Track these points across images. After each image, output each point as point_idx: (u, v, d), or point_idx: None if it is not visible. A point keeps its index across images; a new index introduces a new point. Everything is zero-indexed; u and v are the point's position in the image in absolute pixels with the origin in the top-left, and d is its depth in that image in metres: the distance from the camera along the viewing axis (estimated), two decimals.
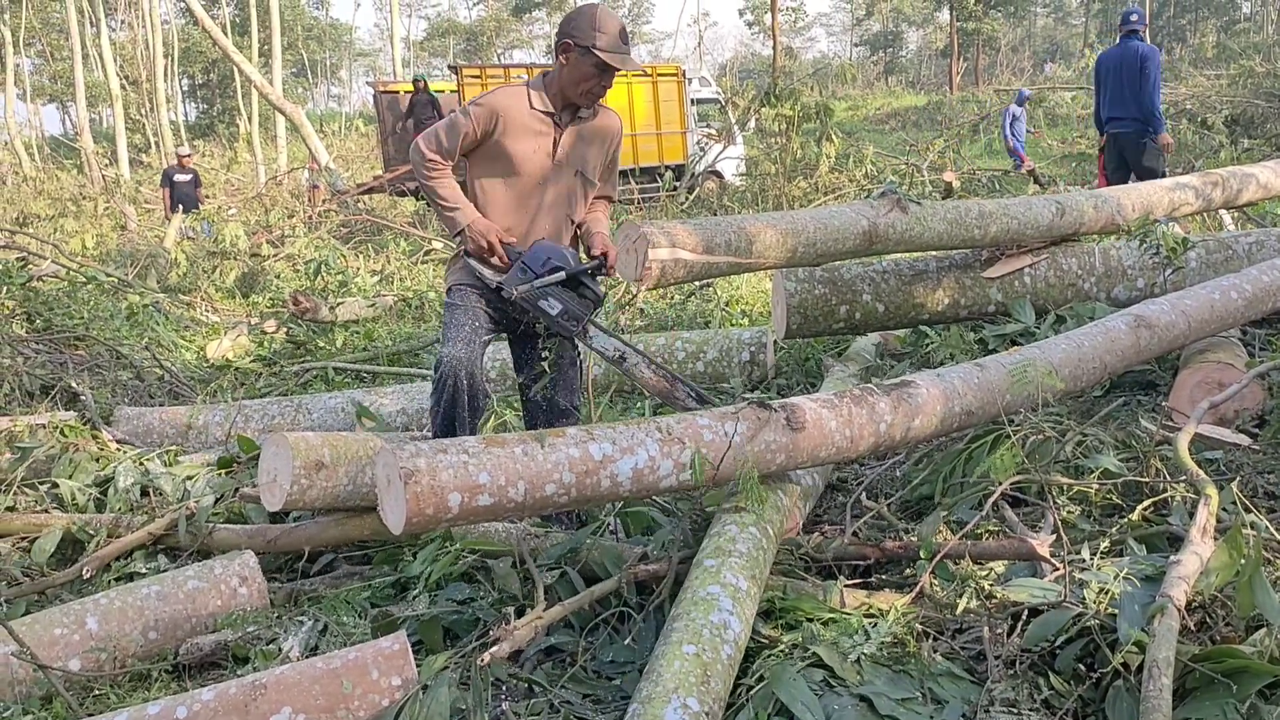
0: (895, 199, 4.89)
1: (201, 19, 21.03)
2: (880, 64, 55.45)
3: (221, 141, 33.59)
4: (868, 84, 45.01)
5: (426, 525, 2.51)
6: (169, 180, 15.74)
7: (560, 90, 3.55)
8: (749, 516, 2.93)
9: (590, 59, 3.45)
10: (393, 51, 37.75)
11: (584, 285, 3.42)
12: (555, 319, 3.39)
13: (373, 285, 9.63)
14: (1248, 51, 27.74)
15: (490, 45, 65.64)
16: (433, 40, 70.11)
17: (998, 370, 3.57)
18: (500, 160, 3.57)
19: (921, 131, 24.46)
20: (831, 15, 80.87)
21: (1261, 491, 3.26)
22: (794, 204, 13.13)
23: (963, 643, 2.72)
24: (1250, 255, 5.17)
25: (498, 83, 16.09)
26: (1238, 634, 2.37)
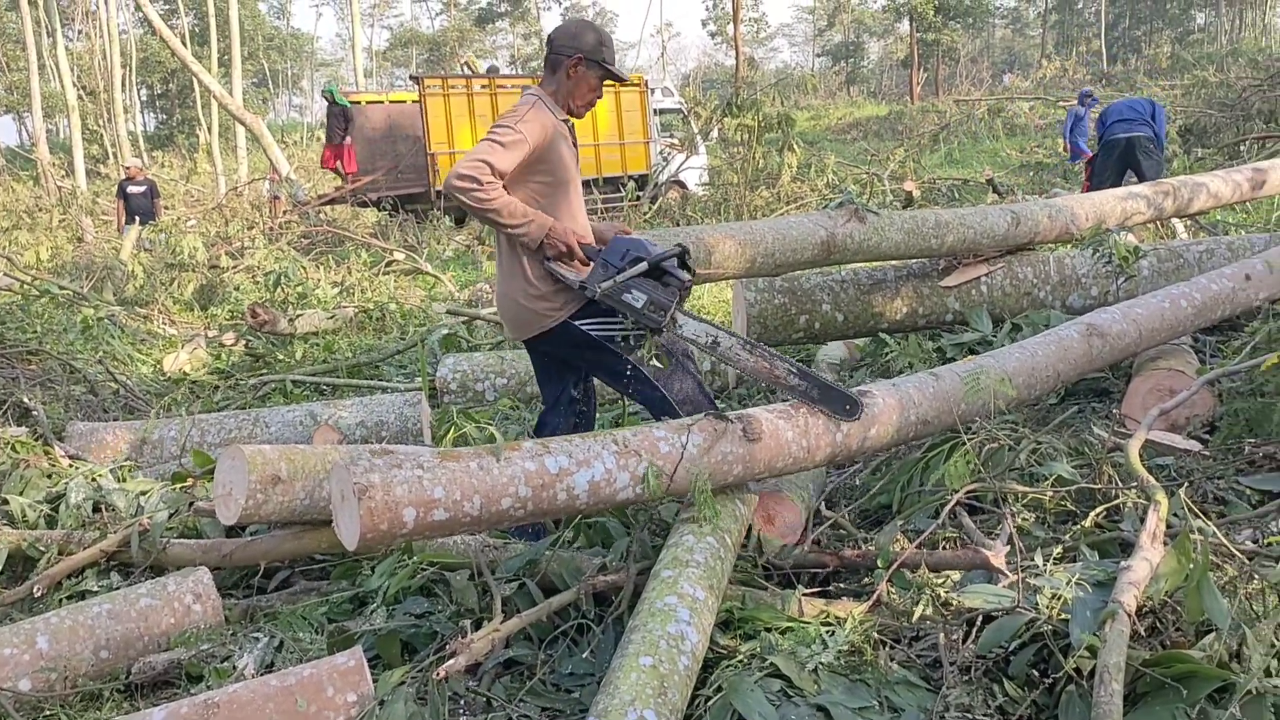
0: (853, 209, 4.93)
1: (159, 29, 20.84)
2: (842, 74, 55.83)
3: (181, 152, 33.28)
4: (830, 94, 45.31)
5: (381, 541, 2.50)
6: (123, 192, 15.58)
7: (567, 100, 3.64)
8: (707, 526, 2.94)
9: (597, 71, 3.58)
10: (354, 61, 37.54)
11: (667, 273, 3.26)
12: (641, 311, 3.22)
13: (333, 297, 9.57)
14: (1201, 62, 28.25)
15: (453, 55, 65.47)
16: (395, 50, 69.86)
17: (953, 380, 3.61)
18: (546, 171, 3.55)
19: (883, 141, 24.71)
20: (793, 26, 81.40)
21: (1211, 497, 3.31)
22: (756, 213, 13.20)
23: (919, 650, 2.74)
24: (1200, 264, 5.25)
25: (459, 94, 16.08)
26: (1188, 638, 2.40)
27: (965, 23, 46.12)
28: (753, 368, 3.22)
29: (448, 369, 5.88)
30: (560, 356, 3.79)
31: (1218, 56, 30.05)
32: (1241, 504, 3.25)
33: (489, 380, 5.81)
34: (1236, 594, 2.38)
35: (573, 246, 3.43)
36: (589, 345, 3.59)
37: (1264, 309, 4.47)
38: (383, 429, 4.96)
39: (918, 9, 40.65)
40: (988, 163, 18.52)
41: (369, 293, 9.92)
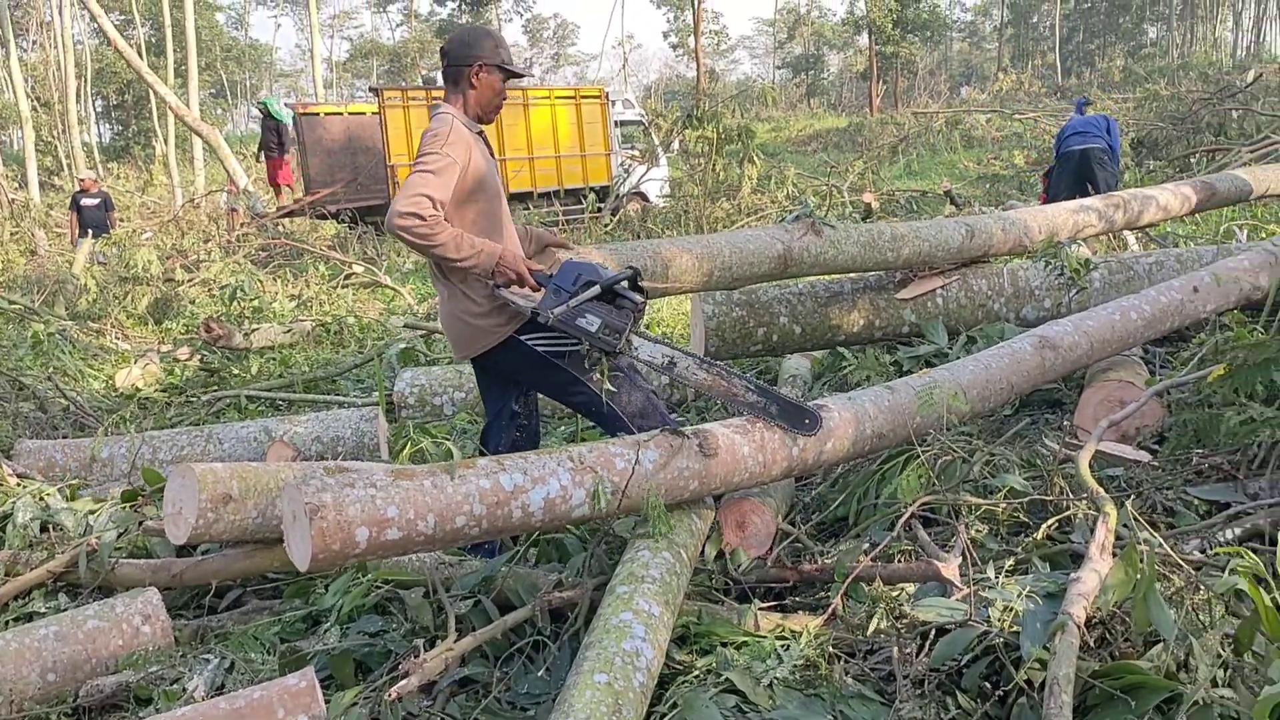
0: (810, 222, 4.96)
1: (114, 40, 20.60)
2: (802, 86, 56.28)
3: (137, 164, 32.88)
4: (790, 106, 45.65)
5: (333, 561, 2.47)
6: (76, 205, 15.37)
7: (477, 110, 3.62)
8: (663, 541, 2.93)
9: (499, 74, 3.59)
10: (314, 72, 37.29)
11: (620, 296, 3.24)
12: (595, 335, 3.21)
13: (291, 310, 9.49)
14: (1153, 76, 28.70)
15: (414, 66, 65.23)
16: (355, 61, 69.55)
17: (907, 393, 3.63)
18: (476, 190, 3.53)
19: (842, 153, 24.89)
20: (754, 38, 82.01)
21: (1160, 507, 3.35)
22: (717, 225, 13.24)
23: (873, 664, 2.76)
24: (1150, 276, 5.33)
25: (419, 105, 16.01)
26: (1136, 649, 2.42)
27: (923, 36, 46.66)
28: (710, 386, 3.22)
29: (405, 383, 5.84)
30: (506, 372, 3.76)
31: (1169, 70, 30.60)
32: (1190, 514, 3.29)
33: (447, 394, 5.77)
34: (1183, 604, 2.41)
35: (523, 274, 3.40)
36: (536, 362, 3.57)
37: (1211, 321, 4.53)
38: (339, 445, 4.92)
39: (876, 22, 41.05)
40: (946, 174, 18.73)
41: (327, 306, 9.84)
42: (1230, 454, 3.53)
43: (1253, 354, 3.56)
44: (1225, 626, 2.38)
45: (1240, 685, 2.26)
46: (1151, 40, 56.31)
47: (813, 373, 5.53)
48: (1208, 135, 14.39)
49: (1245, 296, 4.66)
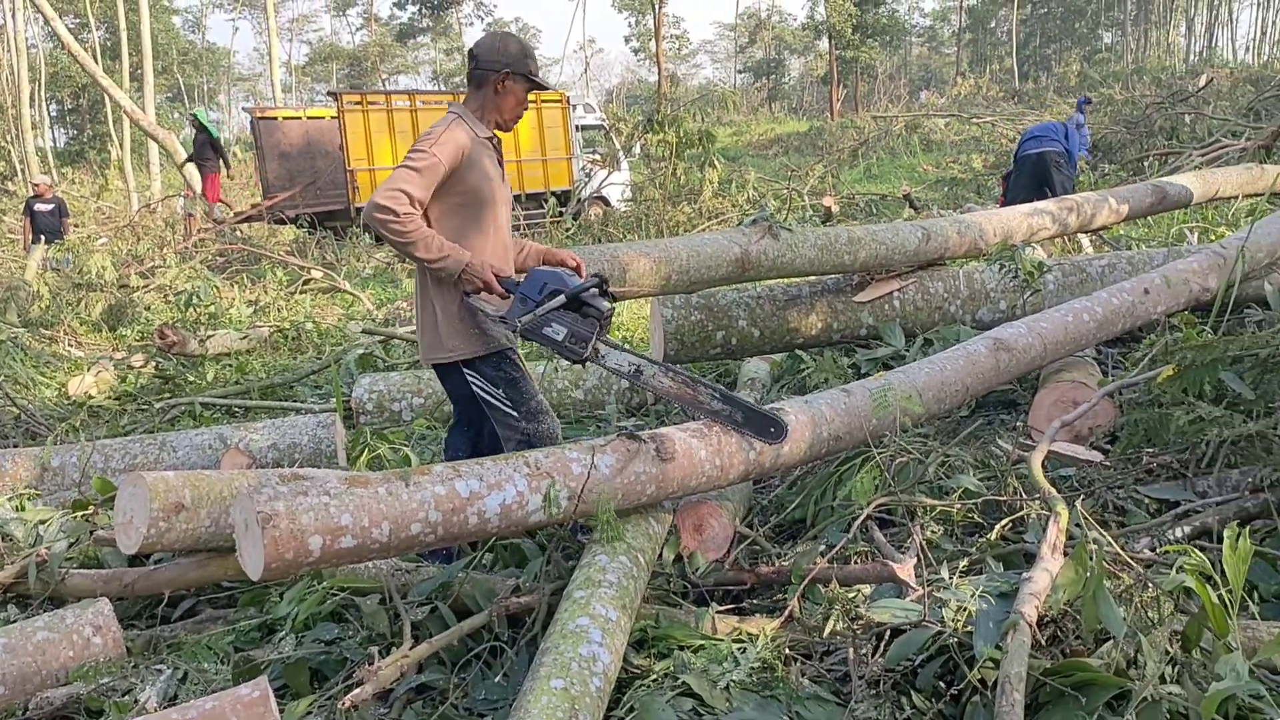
0: (767, 226, 4.98)
1: (68, 44, 20.32)
2: (763, 90, 56.49)
3: (92, 168, 32.42)
4: (751, 110, 45.78)
5: (287, 570, 2.45)
6: (29, 210, 15.13)
7: (495, 115, 3.60)
8: (620, 546, 2.93)
9: (524, 84, 3.56)
10: (272, 76, 36.97)
11: (586, 304, 3.25)
12: (562, 345, 3.23)
13: (248, 316, 9.39)
14: (1108, 80, 29.07)
15: (374, 71, 64.87)
16: (315, 65, 68.98)
17: (863, 396, 3.66)
18: (465, 194, 3.49)
19: (803, 157, 25.01)
20: (715, 43, 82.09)
21: (1112, 506, 3.39)
22: (678, 229, 13.26)
23: (829, 665, 2.77)
24: (1103, 278, 5.40)
25: (379, 110, 15.92)
26: (1087, 647, 2.45)
27: (883, 41, 46.99)
28: (676, 394, 3.23)
29: (363, 389, 5.80)
30: (448, 386, 3.77)
31: (1123, 75, 30.99)
32: (1140, 513, 3.34)
33: (406, 400, 5.74)
34: (1133, 602, 2.44)
35: (490, 282, 3.39)
36: (471, 398, 3.64)
37: (1162, 322, 4.60)
38: (295, 451, 4.88)
39: (836, 27, 41.29)
40: (905, 178, 18.87)
41: (285, 312, 9.75)
42: (1179, 453, 3.59)
43: (1200, 354, 3.62)
44: (1174, 624, 2.41)
45: (1188, 681, 2.29)
46: (1106, 45, 56.99)
47: (772, 375, 5.55)
48: (1161, 139, 14.61)
49: (1195, 298, 4.74)
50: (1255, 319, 4.85)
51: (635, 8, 51.38)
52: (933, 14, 72.25)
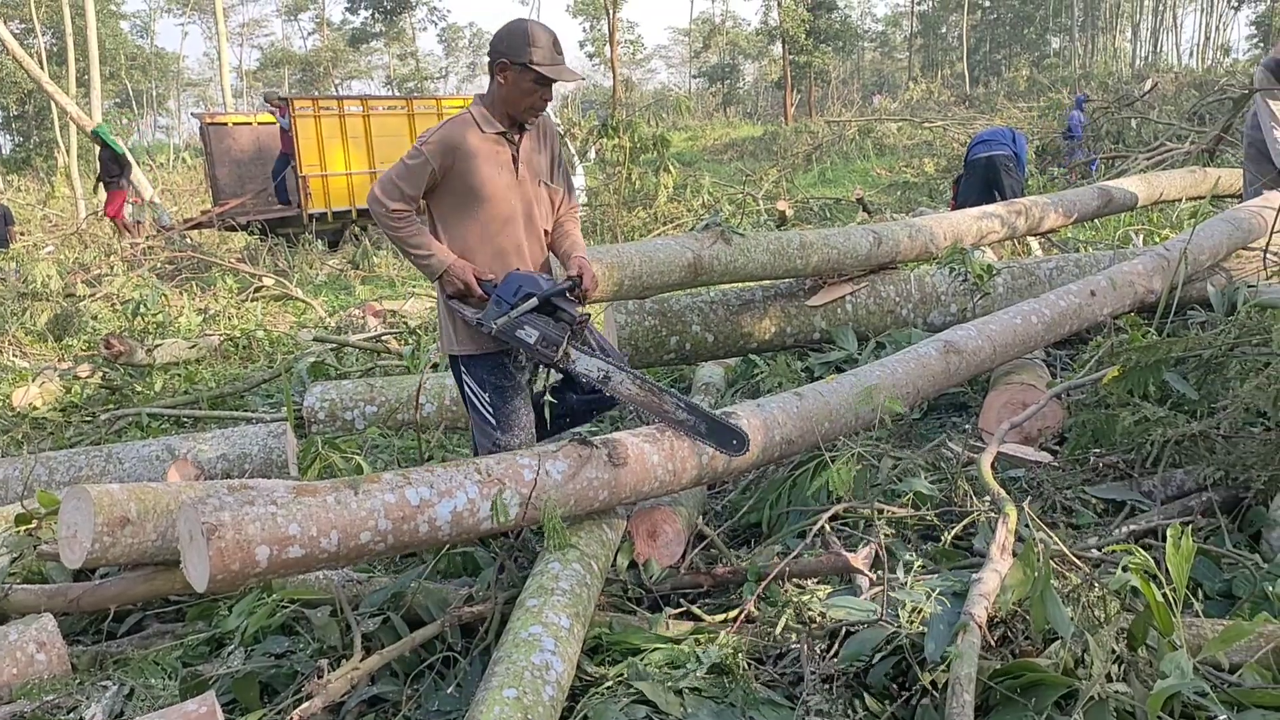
0: (719, 231, 5.00)
1: (12, 48, 19.95)
2: (718, 95, 56.64)
3: (38, 175, 31.87)
4: (706, 115, 45.88)
5: (233, 582, 2.41)
6: None
7: (505, 109, 3.50)
8: (573, 553, 2.92)
9: (529, 75, 3.40)
10: (222, 82, 36.55)
11: (559, 308, 3.31)
12: (533, 348, 3.28)
13: (197, 325, 9.26)
14: (1056, 85, 29.48)
15: (326, 76, 64.36)
16: (266, 70, 68.27)
17: (816, 399, 3.67)
18: (464, 192, 3.50)
19: (758, 161, 25.11)
20: (670, 48, 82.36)
21: (1060, 507, 3.43)
22: (633, 234, 13.27)
23: (784, 667, 2.77)
24: (1051, 280, 5.47)
25: (331, 114, 15.79)
26: (1036, 647, 2.47)
27: (836, 46, 47.25)
28: (642, 402, 3.25)
29: (315, 398, 5.74)
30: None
31: (1071, 80, 31.42)
32: (1088, 513, 3.38)
33: (358, 408, 5.69)
34: (1080, 602, 2.47)
35: (470, 285, 3.43)
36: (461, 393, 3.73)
37: (1108, 323, 4.66)
38: (246, 462, 4.81)
39: (790, 32, 41.51)
40: (859, 182, 18.99)
41: (235, 320, 9.63)
42: (1126, 453, 3.64)
43: (1145, 356, 3.68)
44: (1121, 622, 2.45)
45: (1134, 680, 2.32)
46: (1055, 50, 57.77)
47: (726, 380, 5.56)
48: (1107, 143, 14.84)
49: (1140, 300, 4.81)
50: (1198, 320, 4.93)
51: (590, 13, 51.41)
52: (885, 19, 72.94)
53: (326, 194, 15.73)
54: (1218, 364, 3.69)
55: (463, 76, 77.97)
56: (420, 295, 10.32)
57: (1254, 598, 2.76)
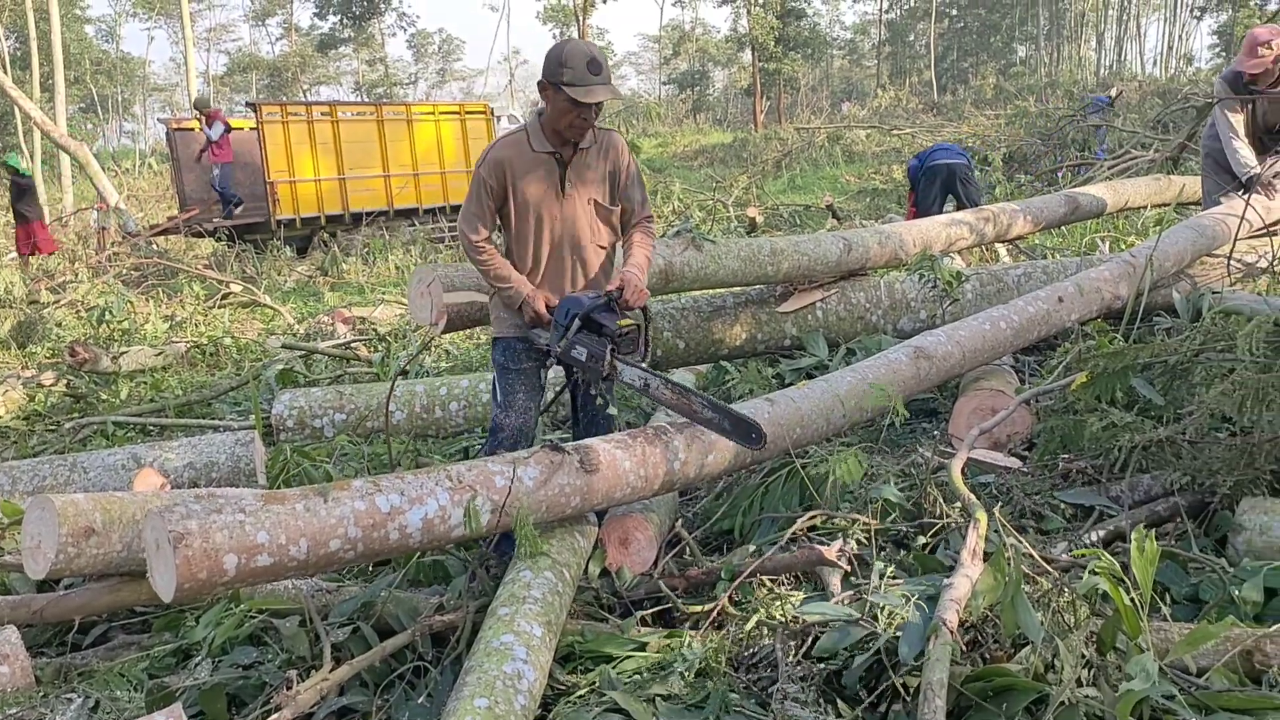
0: (690, 238, 5.01)
1: None
2: (688, 102, 56.76)
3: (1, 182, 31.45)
4: (676, 121, 45.98)
5: (201, 591, 2.39)
6: None
7: (552, 127, 3.55)
8: (544, 561, 2.91)
9: (562, 95, 3.43)
10: (188, 87, 36.21)
11: (601, 324, 3.38)
12: (586, 365, 3.39)
13: (164, 332, 9.17)
14: (1022, 93, 29.79)
15: (295, 81, 64.00)
16: (234, 76, 67.79)
17: (787, 405, 3.68)
18: (518, 208, 3.60)
19: (728, 168, 25.18)
20: (640, 54, 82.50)
21: (1029, 512, 3.45)
22: None
23: (759, 674, 2.77)
24: (1019, 287, 5.51)
25: (299, 120, 15.70)
26: (1006, 651, 2.49)
27: (805, 53, 47.51)
28: (675, 404, 3.33)
29: (283, 405, 5.69)
30: None
31: (1037, 88, 31.78)
32: (1057, 518, 3.41)
33: (328, 416, 5.65)
34: (1050, 606, 2.48)
35: (539, 314, 3.54)
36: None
37: (1075, 329, 4.70)
38: (213, 470, 4.76)
39: (759, 40, 41.72)
40: (828, 188, 19.08)
41: (202, 327, 9.54)
42: (1094, 458, 3.67)
43: (1112, 362, 3.71)
44: (1090, 626, 2.46)
45: (1103, 684, 2.34)
46: (1021, 59, 58.43)
47: (697, 386, 5.56)
48: (1073, 150, 14.98)
49: (1106, 306, 4.85)
50: (1164, 326, 4.98)
51: (560, 20, 51.41)
52: (853, 27, 73.40)
53: (295, 200, 15.63)
54: (1183, 370, 3.73)
55: (432, 83, 77.72)
56: (390, 302, 10.26)
57: (1221, 602, 2.78)
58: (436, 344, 7.79)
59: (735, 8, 48.56)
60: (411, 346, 7.59)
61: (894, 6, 64.12)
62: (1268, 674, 2.40)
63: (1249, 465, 3.22)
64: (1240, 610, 2.71)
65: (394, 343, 7.77)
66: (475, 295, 4.19)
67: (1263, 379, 3.22)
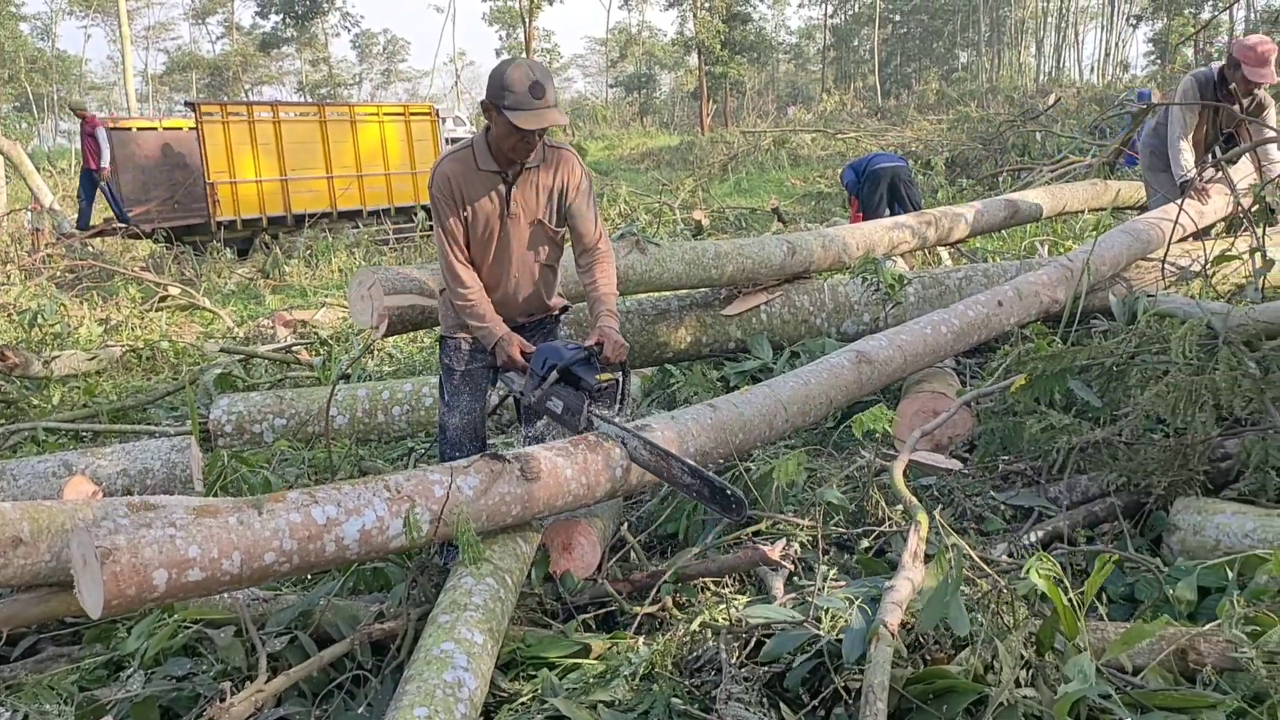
0: (634, 240, 5.00)
1: None
2: (635, 105, 56.82)
3: None
4: (623, 124, 46.05)
5: (129, 606, 2.32)
6: None
7: (497, 148, 3.49)
8: (487, 567, 2.88)
9: (504, 119, 3.36)
10: (126, 86, 35.60)
11: (579, 377, 3.36)
12: (561, 418, 3.37)
13: (99, 335, 8.97)
14: (964, 98, 30.18)
15: (237, 81, 63.09)
16: (173, 75, 66.66)
17: (730, 411, 3.68)
18: (466, 225, 3.57)
19: (674, 170, 25.24)
20: (587, 57, 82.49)
21: (970, 514, 3.48)
22: None
23: (703, 678, 2.76)
24: (961, 290, 5.56)
25: (240, 120, 15.46)
26: (946, 653, 2.50)
27: (751, 57, 47.79)
28: (653, 466, 3.26)
29: (221, 410, 5.60)
30: None
31: (979, 93, 32.21)
32: (997, 519, 3.44)
33: (267, 421, 5.56)
34: (989, 608, 2.50)
35: (513, 358, 3.53)
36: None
37: (1015, 332, 4.75)
38: (147, 477, 4.66)
39: (705, 43, 41.88)
40: (774, 192, 19.18)
41: (139, 331, 9.35)
42: (1033, 460, 3.71)
43: (1050, 364, 3.76)
44: (1029, 627, 2.48)
45: (1042, 684, 2.35)
46: (963, 64, 59.23)
47: (642, 390, 5.55)
48: (1013, 155, 15.20)
49: (1045, 309, 4.91)
50: (1101, 329, 5.05)
51: (506, 21, 51.23)
52: (799, 32, 74.03)
53: (236, 201, 15.39)
54: (1119, 372, 3.78)
55: (377, 84, 77.06)
56: (333, 305, 10.14)
57: (1155, 601, 2.82)
58: (379, 347, 7.71)
59: (681, 11, 48.76)
60: (354, 350, 7.50)
61: (839, 12, 64.78)
62: (1201, 672, 2.43)
63: (1183, 466, 3.27)
64: (1174, 609, 2.75)
65: (336, 346, 7.68)
66: (417, 298, 4.14)
67: (1195, 381, 3.28)
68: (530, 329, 3.85)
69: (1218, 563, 2.85)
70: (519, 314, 3.78)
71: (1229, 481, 3.39)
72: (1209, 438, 3.29)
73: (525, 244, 3.66)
